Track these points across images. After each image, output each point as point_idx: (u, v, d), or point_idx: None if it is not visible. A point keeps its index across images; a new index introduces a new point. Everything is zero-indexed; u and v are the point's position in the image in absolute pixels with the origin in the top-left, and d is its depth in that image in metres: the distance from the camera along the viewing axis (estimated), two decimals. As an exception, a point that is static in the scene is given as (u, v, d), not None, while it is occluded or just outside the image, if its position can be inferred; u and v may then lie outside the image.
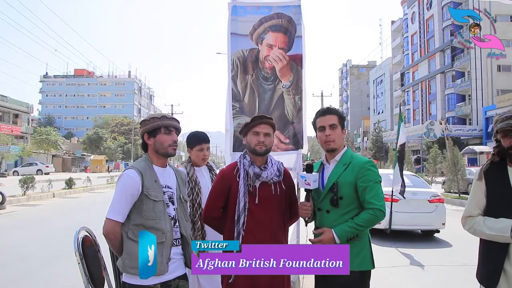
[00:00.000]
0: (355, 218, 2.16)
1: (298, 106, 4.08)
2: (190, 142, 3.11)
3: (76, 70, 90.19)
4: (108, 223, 2.08)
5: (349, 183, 2.22)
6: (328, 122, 2.33)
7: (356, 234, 2.15)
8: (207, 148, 3.14)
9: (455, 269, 5.75)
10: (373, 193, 2.17)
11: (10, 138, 36.96)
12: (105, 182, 23.96)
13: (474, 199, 2.15)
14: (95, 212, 10.42)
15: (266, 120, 2.42)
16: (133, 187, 2.10)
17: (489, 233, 2.01)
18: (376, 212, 2.14)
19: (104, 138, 61.45)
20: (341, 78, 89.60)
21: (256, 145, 2.37)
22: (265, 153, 2.41)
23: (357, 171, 2.22)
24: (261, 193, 2.37)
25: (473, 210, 2.13)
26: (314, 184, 2.28)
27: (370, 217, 2.14)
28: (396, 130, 8.86)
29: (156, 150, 2.24)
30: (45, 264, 5.88)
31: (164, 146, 2.22)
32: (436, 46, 48.22)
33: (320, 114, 2.38)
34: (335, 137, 2.31)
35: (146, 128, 2.24)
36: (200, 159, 3.08)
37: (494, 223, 2.01)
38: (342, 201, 2.21)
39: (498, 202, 2.05)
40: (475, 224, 2.09)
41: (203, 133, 3.26)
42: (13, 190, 15.07)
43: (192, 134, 3.22)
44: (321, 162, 2.44)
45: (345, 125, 2.42)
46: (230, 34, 4.08)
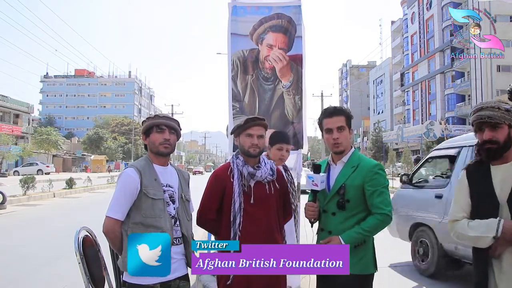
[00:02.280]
0: (362, 224, 2.13)
1: (298, 106, 4.09)
2: (271, 140, 3.16)
3: (77, 70, 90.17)
4: (108, 221, 2.09)
5: (356, 186, 2.18)
6: (335, 124, 2.27)
7: (363, 240, 2.13)
8: (287, 150, 3.17)
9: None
10: (381, 198, 2.15)
11: (10, 138, 36.95)
12: (105, 182, 23.94)
13: (458, 201, 2.03)
14: (95, 212, 10.41)
15: (259, 121, 2.41)
16: (132, 185, 2.11)
17: (472, 235, 1.90)
18: (384, 217, 2.12)
19: (105, 138, 61.44)
20: (341, 78, 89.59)
21: (249, 148, 2.37)
22: (259, 154, 2.41)
23: (365, 175, 2.19)
24: (256, 193, 2.36)
25: (457, 213, 2.02)
26: (322, 185, 2.26)
27: (377, 223, 2.12)
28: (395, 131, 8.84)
29: (151, 149, 2.27)
30: (46, 264, 5.88)
31: (155, 144, 2.24)
32: (436, 46, 48.22)
33: (327, 115, 2.31)
34: (342, 140, 2.27)
35: (142, 128, 2.31)
36: (277, 158, 3.10)
37: (478, 224, 1.89)
38: (349, 204, 2.19)
39: (481, 204, 1.95)
40: (459, 227, 1.97)
41: (285, 134, 3.35)
42: (14, 190, 15.07)
43: (275, 132, 3.28)
44: (327, 163, 2.41)
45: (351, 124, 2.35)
46: (230, 34, 4.09)
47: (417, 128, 44.87)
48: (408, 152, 23.02)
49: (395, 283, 5.14)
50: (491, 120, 1.91)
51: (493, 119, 1.91)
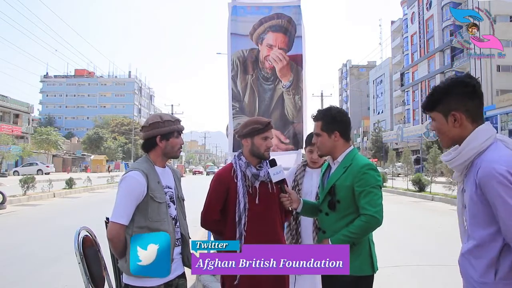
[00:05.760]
0: (349, 226, 2.11)
1: (298, 106, 4.09)
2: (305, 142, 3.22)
3: (77, 70, 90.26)
4: (113, 226, 2.06)
5: (346, 187, 2.17)
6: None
7: (352, 242, 2.09)
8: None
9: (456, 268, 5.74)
10: (368, 198, 2.10)
11: (10, 138, 36.94)
12: (105, 182, 23.94)
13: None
14: (95, 212, 10.43)
15: (271, 125, 2.49)
16: (139, 189, 2.09)
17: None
18: (369, 219, 2.06)
19: (105, 138, 61.49)
20: (341, 78, 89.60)
21: (265, 151, 2.43)
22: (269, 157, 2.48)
23: (354, 175, 2.16)
24: (261, 193, 2.40)
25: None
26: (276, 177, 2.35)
27: (362, 224, 2.07)
28: (395, 131, 8.85)
29: (165, 153, 2.26)
30: (46, 264, 5.87)
31: (174, 149, 2.27)
32: (435, 46, 48.22)
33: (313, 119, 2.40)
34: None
35: (160, 130, 2.21)
36: (310, 161, 3.12)
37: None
38: (339, 205, 2.18)
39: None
40: None
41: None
42: (14, 190, 15.08)
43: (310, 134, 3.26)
44: (328, 163, 2.44)
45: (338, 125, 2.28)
46: (230, 34, 4.09)
47: (417, 128, 44.94)
48: (408, 152, 22.97)
49: (395, 284, 5.13)
50: None
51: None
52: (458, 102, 1.67)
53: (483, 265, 1.56)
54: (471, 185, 1.61)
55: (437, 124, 1.75)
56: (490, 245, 1.55)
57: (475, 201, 1.59)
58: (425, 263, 6.04)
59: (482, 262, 1.57)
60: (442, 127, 1.73)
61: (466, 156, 1.65)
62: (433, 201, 15.68)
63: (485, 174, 1.52)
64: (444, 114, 1.70)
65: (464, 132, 1.67)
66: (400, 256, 6.44)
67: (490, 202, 1.52)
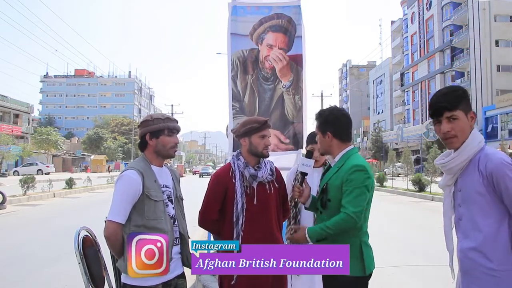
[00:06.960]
0: (329, 220, 2.11)
1: (298, 106, 4.09)
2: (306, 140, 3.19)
3: (77, 70, 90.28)
4: (110, 225, 2.06)
5: (336, 187, 2.18)
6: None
7: (325, 237, 2.09)
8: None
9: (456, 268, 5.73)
10: (350, 197, 2.09)
11: (10, 138, 36.95)
12: (105, 182, 23.94)
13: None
14: (95, 212, 10.42)
15: (268, 123, 2.49)
16: (134, 187, 2.09)
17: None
18: (344, 217, 2.05)
19: (104, 138, 61.50)
20: (341, 78, 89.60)
21: (264, 149, 2.44)
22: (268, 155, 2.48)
23: (343, 175, 2.17)
24: (259, 194, 2.40)
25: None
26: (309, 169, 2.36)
27: (338, 221, 2.07)
28: (395, 131, 8.85)
29: (157, 151, 2.25)
30: (46, 264, 5.87)
31: (166, 148, 2.24)
32: (435, 46, 48.22)
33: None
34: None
35: (148, 128, 2.23)
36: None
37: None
38: (330, 204, 2.20)
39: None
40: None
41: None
42: (14, 190, 15.08)
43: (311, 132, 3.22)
44: (329, 163, 2.46)
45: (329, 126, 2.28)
46: (230, 34, 4.09)
47: (417, 128, 44.95)
48: (408, 152, 22.96)
49: (395, 284, 5.13)
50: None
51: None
52: (469, 103, 1.79)
53: (499, 253, 1.66)
54: (474, 181, 1.71)
55: (460, 122, 1.77)
56: (500, 234, 1.67)
57: (483, 193, 1.69)
58: (425, 263, 6.03)
59: (498, 251, 1.67)
60: (465, 126, 1.78)
61: (466, 155, 1.74)
62: (433, 201, 15.68)
63: (496, 165, 1.66)
64: (465, 113, 1.77)
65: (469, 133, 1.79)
66: (400, 256, 6.44)
67: (502, 187, 1.65)
